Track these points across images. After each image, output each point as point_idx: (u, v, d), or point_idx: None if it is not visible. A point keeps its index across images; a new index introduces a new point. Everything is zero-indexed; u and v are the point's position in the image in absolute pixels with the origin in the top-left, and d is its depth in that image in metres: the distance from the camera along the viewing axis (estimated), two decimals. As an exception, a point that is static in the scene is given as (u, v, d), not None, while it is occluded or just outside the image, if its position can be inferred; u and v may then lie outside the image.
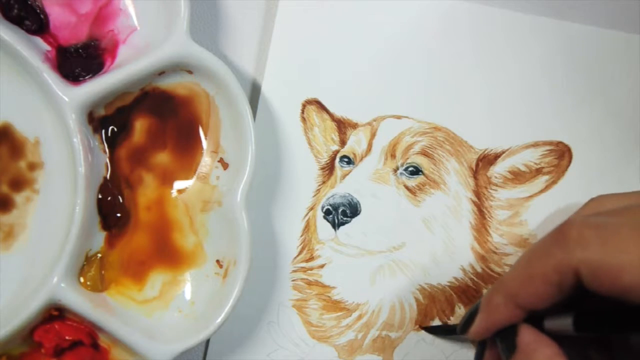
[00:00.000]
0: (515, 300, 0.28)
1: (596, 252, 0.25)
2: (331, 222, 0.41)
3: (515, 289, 0.28)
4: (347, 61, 0.41)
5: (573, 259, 0.26)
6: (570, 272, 0.26)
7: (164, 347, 0.36)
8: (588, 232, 0.26)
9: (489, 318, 0.30)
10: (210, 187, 0.39)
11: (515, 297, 0.28)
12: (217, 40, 0.41)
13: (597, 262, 0.25)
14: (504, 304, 0.29)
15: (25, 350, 0.38)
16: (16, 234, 0.38)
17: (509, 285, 0.29)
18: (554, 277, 0.27)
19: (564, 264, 0.26)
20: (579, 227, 0.26)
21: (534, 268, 0.27)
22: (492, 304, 0.29)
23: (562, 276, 0.26)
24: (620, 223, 0.26)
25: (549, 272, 0.27)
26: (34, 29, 0.38)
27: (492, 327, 0.30)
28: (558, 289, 0.27)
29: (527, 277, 0.28)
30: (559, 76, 0.41)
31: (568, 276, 0.26)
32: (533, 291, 0.27)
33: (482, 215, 0.41)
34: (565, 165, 0.41)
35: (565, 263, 0.26)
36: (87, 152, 0.37)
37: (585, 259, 0.25)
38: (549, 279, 0.27)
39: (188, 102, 0.39)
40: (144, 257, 0.39)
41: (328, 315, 0.41)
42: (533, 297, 0.27)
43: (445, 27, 0.41)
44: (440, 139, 0.41)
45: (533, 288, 0.27)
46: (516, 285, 0.28)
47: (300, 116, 0.42)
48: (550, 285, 0.27)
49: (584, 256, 0.26)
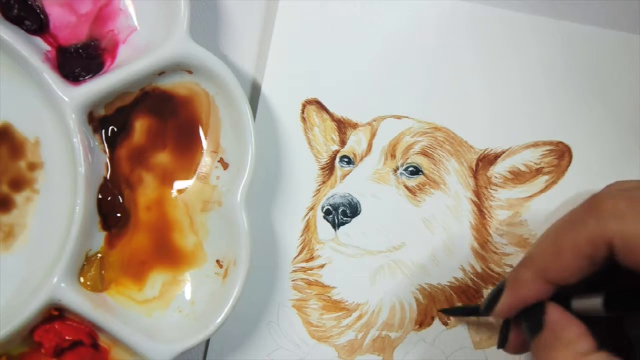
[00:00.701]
0: (544, 274, 0.27)
1: (632, 224, 0.25)
2: (331, 222, 0.41)
3: (544, 263, 0.27)
4: (347, 61, 0.41)
5: (607, 231, 0.25)
6: (604, 244, 0.25)
7: (164, 347, 0.36)
8: (623, 204, 0.25)
9: (516, 294, 0.29)
10: (210, 187, 0.39)
11: (545, 272, 0.27)
12: (217, 40, 0.41)
13: (633, 234, 0.25)
14: (532, 279, 0.28)
15: (25, 350, 0.38)
16: (16, 234, 0.38)
17: (538, 260, 0.28)
18: (586, 249, 0.26)
19: (598, 235, 0.26)
20: (612, 199, 0.26)
21: (564, 240, 0.27)
22: (520, 280, 0.29)
23: (594, 248, 0.26)
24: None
25: (581, 243, 0.26)
26: (34, 29, 0.38)
27: (519, 304, 0.29)
28: (589, 262, 0.26)
29: (557, 250, 0.27)
30: (559, 76, 0.41)
31: (601, 248, 0.26)
32: (564, 264, 0.27)
33: (482, 215, 0.41)
34: (565, 165, 0.41)
35: (598, 234, 0.26)
36: (87, 152, 0.37)
37: (620, 231, 0.25)
38: (581, 251, 0.26)
39: (188, 102, 0.39)
40: (144, 257, 0.39)
41: (328, 315, 0.41)
42: (563, 270, 0.27)
43: (446, 27, 0.41)
44: (440, 139, 0.41)
45: (564, 261, 0.27)
46: (546, 259, 0.27)
47: (300, 116, 0.42)
48: (582, 258, 0.26)
49: (619, 228, 0.25)
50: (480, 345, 0.41)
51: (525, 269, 0.28)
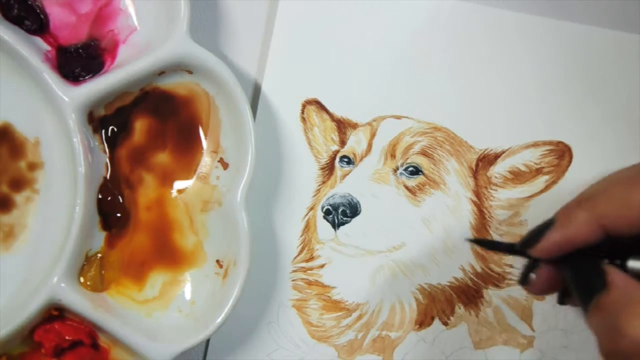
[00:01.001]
0: (601, 220, 0.27)
1: None
2: (331, 222, 0.41)
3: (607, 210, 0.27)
4: (347, 61, 0.41)
5: None
6: None
7: (164, 347, 0.36)
8: None
9: (567, 234, 0.28)
10: (210, 187, 0.39)
11: (603, 218, 0.27)
12: (217, 40, 0.41)
13: None
14: (588, 221, 0.27)
15: (25, 350, 0.38)
16: (16, 234, 0.38)
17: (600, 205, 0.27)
18: None
19: None
20: None
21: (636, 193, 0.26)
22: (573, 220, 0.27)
23: None
24: None
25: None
26: (34, 29, 0.38)
27: (567, 245, 0.28)
28: None
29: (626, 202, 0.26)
30: (559, 76, 0.41)
31: None
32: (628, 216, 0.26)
33: (482, 215, 0.41)
34: (565, 165, 0.41)
35: None
36: (87, 152, 0.37)
37: None
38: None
39: (188, 102, 0.39)
40: (144, 257, 0.39)
41: (328, 315, 0.41)
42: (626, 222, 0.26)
43: (446, 28, 0.41)
44: (440, 139, 0.41)
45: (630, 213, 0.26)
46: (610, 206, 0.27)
47: (300, 116, 0.42)
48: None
49: None
50: (480, 345, 0.41)
51: (582, 211, 0.27)
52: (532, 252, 0.29)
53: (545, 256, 0.29)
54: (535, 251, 0.29)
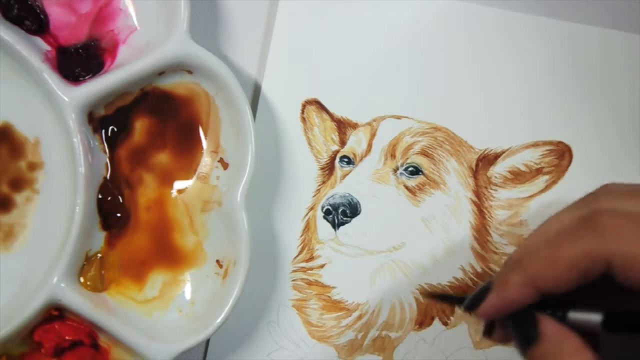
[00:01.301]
0: (534, 282, 0.27)
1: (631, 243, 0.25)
2: (331, 222, 0.41)
3: (536, 270, 0.27)
4: (347, 61, 0.41)
5: (606, 249, 0.25)
6: (601, 262, 0.25)
7: (164, 347, 0.36)
8: (623, 222, 0.25)
9: (503, 297, 0.29)
10: (210, 187, 0.39)
11: (535, 279, 0.27)
12: (217, 40, 0.41)
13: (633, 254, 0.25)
14: (521, 284, 0.28)
15: (25, 350, 0.38)
16: (16, 234, 0.38)
17: (530, 267, 0.28)
18: (582, 263, 0.26)
19: (596, 252, 0.25)
20: (610, 216, 0.26)
21: (560, 252, 0.26)
22: (508, 283, 0.28)
23: (591, 264, 0.26)
24: None
25: (577, 258, 0.26)
26: (34, 29, 0.38)
27: (504, 308, 0.29)
28: (582, 276, 0.26)
29: (552, 261, 0.27)
30: (559, 76, 0.41)
31: (598, 265, 0.25)
32: (556, 275, 0.27)
33: (482, 215, 0.41)
34: (565, 165, 0.41)
35: (597, 251, 0.25)
36: (87, 152, 0.37)
37: (621, 250, 0.25)
38: (576, 265, 0.26)
39: (188, 102, 0.39)
40: (144, 257, 0.39)
41: (328, 315, 0.41)
42: (555, 281, 0.27)
43: (446, 27, 0.41)
44: (440, 139, 0.41)
45: (557, 272, 0.26)
46: (538, 267, 0.27)
47: (300, 116, 0.42)
48: (576, 272, 0.26)
49: (619, 247, 0.25)
50: (480, 345, 0.41)
51: (515, 274, 0.28)
52: (476, 314, 0.30)
53: (488, 318, 0.30)
54: (478, 314, 0.30)
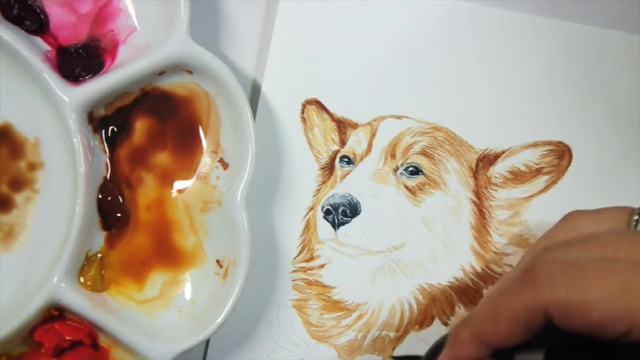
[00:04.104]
0: (481, 337, 0.28)
1: (564, 291, 0.25)
2: (331, 222, 0.41)
3: (481, 326, 0.28)
4: (347, 61, 0.41)
5: (542, 299, 0.26)
6: (540, 312, 0.26)
7: (164, 347, 0.36)
8: (556, 272, 0.26)
9: (454, 354, 0.29)
10: (210, 187, 0.39)
11: (482, 335, 0.28)
12: (217, 40, 0.41)
13: (566, 301, 0.25)
14: (470, 340, 0.28)
15: (25, 350, 0.38)
16: (16, 234, 0.38)
17: (476, 323, 0.28)
18: (523, 316, 0.26)
19: (533, 304, 0.26)
20: (548, 267, 0.26)
21: (501, 307, 0.27)
22: (458, 340, 0.29)
23: (531, 315, 0.26)
24: (586, 259, 0.26)
25: (517, 311, 0.27)
26: (34, 29, 0.38)
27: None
28: (526, 328, 0.27)
29: (494, 316, 0.27)
30: (559, 76, 0.41)
31: (537, 315, 0.26)
32: (500, 330, 0.27)
33: (482, 215, 0.41)
34: (565, 165, 0.41)
35: (534, 303, 0.26)
36: (87, 152, 0.37)
37: (554, 298, 0.25)
38: (517, 318, 0.27)
39: (188, 102, 0.39)
40: (144, 257, 0.39)
41: (328, 315, 0.41)
42: (499, 335, 0.27)
43: (446, 27, 0.41)
44: (440, 139, 0.41)
45: (500, 327, 0.27)
46: (483, 323, 0.28)
47: (300, 116, 0.42)
48: (518, 325, 0.27)
49: (553, 296, 0.25)
50: (480, 345, 0.41)
51: (464, 330, 0.29)
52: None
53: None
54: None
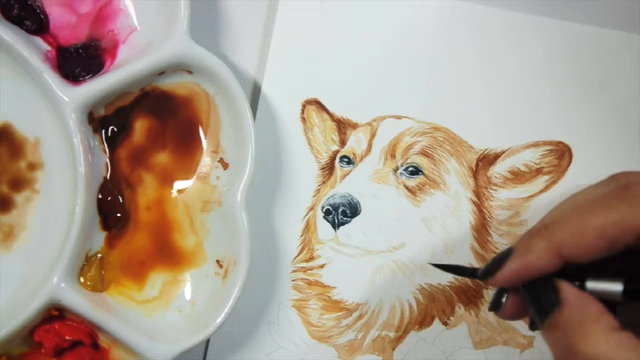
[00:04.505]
0: (560, 249, 0.27)
1: None
2: (331, 222, 0.41)
3: (563, 237, 0.27)
4: (347, 61, 0.41)
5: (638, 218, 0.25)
6: (632, 231, 0.25)
7: (164, 347, 0.36)
8: None
9: (526, 263, 0.28)
10: (210, 187, 0.39)
11: (561, 245, 0.27)
12: (217, 40, 0.41)
13: None
14: (546, 250, 0.27)
15: (25, 350, 0.38)
16: (16, 234, 0.38)
17: (557, 233, 0.27)
18: (612, 232, 0.25)
19: (628, 221, 0.25)
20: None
21: (591, 220, 0.26)
22: (532, 249, 0.27)
23: (621, 233, 0.25)
24: None
25: (608, 226, 0.25)
26: (34, 29, 0.38)
27: (526, 274, 0.28)
28: (610, 246, 0.26)
29: (580, 229, 0.26)
30: (559, 76, 0.41)
31: (628, 235, 0.25)
32: (585, 244, 0.26)
33: (482, 215, 0.41)
34: (565, 165, 0.41)
35: (628, 220, 0.25)
36: (87, 152, 0.37)
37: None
38: (606, 234, 0.25)
39: (188, 102, 0.39)
40: (144, 257, 0.39)
41: (328, 315, 0.41)
42: (582, 249, 0.26)
43: (446, 27, 0.41)
44: (440, 139, 0.41)
45: (585, 240, 0.26)
46: (565, 234, 0.27)
47: (300, 116, 0.42)
48: (604, 241, 0.26)
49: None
50: (480, 345, 0.41)
51: (540, 239, 0.27)
52: (493, 281, 0.29)
53: (505, 285, 0.29)
54: (495, 280, 0.29)
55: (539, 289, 0.28)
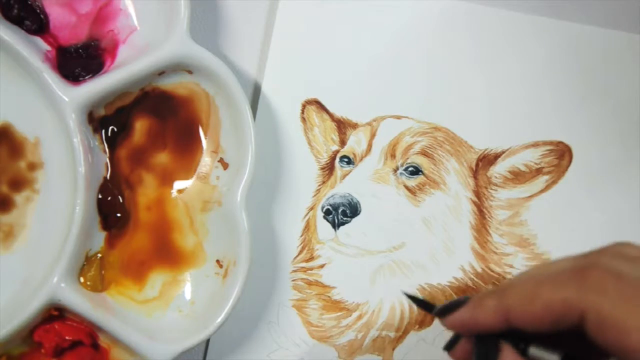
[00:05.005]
0: (508, 311, 0.28)
1: (611, 303, 0.25)
2: (331, 222, 0.41)
3: (513, 302, 0.28)
4: (347, 61, 0.41)
5: (585, 301, 0.25)
6: (577, 313, 0.26)
7: (164, 347, 0.36)
8: (609, 280, 0.25)
9: (474, 315, 0.29)
10: (210, 187, 0.39)
11: (510, 310, 0.28)
12: (217, 40, 0.41)
13: (608, 313, 0.25)
14: (495, 310, 0.28)
15: (25, 350, 0.38)
16: (16, 234, 0.38)
17: (509, 296, 0.28)
18: (559, 308, 0.26)
19: (575, 302, 0.26)
20: (601, 272, 0.26)
21: (542, 292, 0.27)
22: (483, 304, 0.29)
23: (566, 312, 0.26)
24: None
25: (555, 302, 0.26)
26: (34, 29, 0.38)
27: (472, 327, 0.29)
28: (555, 322, 0.26)
29: (531, 297, 0.27)
30: (559, 76, 0.41)
31: (573, 315, 0.26)
32: (530, 313, 0.27)
33: (482, 215, 0.41)
34: (565, 165, 0.41)
35: (575, 301, 0.26)
36: (87, 152, 0.37)
37: (598, 306, 0.25)
38: (552, 309, 0.26)
39: (188, 102, 0.39)
40: (144, 257, 0.39)
41: (328, 315, 0.41)
42: (528, 318, 0.27)
43: (446, 27, 0.41)
44: (440, 139, 0.41)
45: (532, 310, 0.27)
46: (516, 299, 0.28)
47: (300, 116, 0.42)
48: (550, 315, 0.26)
49: (597, 303, 0.25)
50: (480, 345, 0.41)
51: (494, 298, 0.29)
52: (444, 322, 0.31)
53: (452, 330, 0.31)
54: (445, 322, 0.31)
55: (486, 344, 0.29)
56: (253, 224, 0.37)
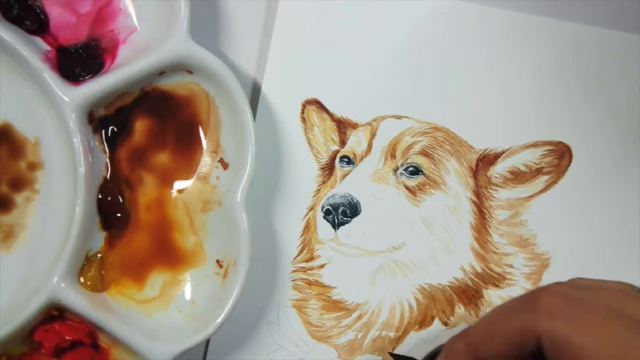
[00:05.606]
0: (475, 351, 0.28)
1: (562, 325, 0.25)
2: (331, 222, 0.41)
3: (477, 340, 0.28)
4: (347, 61, 0.41)
5: (537, 326, 0.26)
6: (533, 338, 0.26)
7: (164, 347, 0.36)
8: (559, 303, 0.26)
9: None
10: (210, 187, 0.39)
11: (476, 348, 0.28)
12: (217, 40, 0.41)
13: (561, 336, 0.25)
14: (466, 352, 0.29)
15: (25, 350, 0.38)
16: (16, 234, 0.38)
17: (472, 336, 0.29)
18: (516, 338, 0.27)
19: (528, 328, 0.26)
20: (551, 296, 0.26)
21: (498, 325, 0.28)
22: (453, 350, 0.30)
23: (523, 339, 0.27)
24: (595, 303, 0.26)
25: (511, 332, 0.27)
26: (34, 29, 0.38)
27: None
28: (518, 349, 0.27)
29: (490, 332, 0.28)
30: (559, 76, 0.41)
31: (530, 341, 0.26)
32: (493, 347, 0.28)
33: (482, 215, 0.41)
34: (565, 165, 0.41)
35: (528, 328, 0.26)
36: (87, 152, 0.37)
37: (550, 329, 0.25)
38: (511, 339, 0.27)
39: (188, 102, 0.39)
40: (144, 257, 0.39)
41: (328, 315, 0.41)
42: (493, 352, 0.28)
43: (445, 28, 0.41)
44: (440, 139, 0.41)
45: (494, 344, 0.28)
46: (479, 337, 0.28)
47: (300, 116, 0.42)
48: (511, 345, 0.27)
49: (549, 327, 0.26)
50: (480, 345, 0.41)
51: (461, 341, 0.29)
52: None
53: None
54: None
55: None
56: (253, 224, 0.37)
